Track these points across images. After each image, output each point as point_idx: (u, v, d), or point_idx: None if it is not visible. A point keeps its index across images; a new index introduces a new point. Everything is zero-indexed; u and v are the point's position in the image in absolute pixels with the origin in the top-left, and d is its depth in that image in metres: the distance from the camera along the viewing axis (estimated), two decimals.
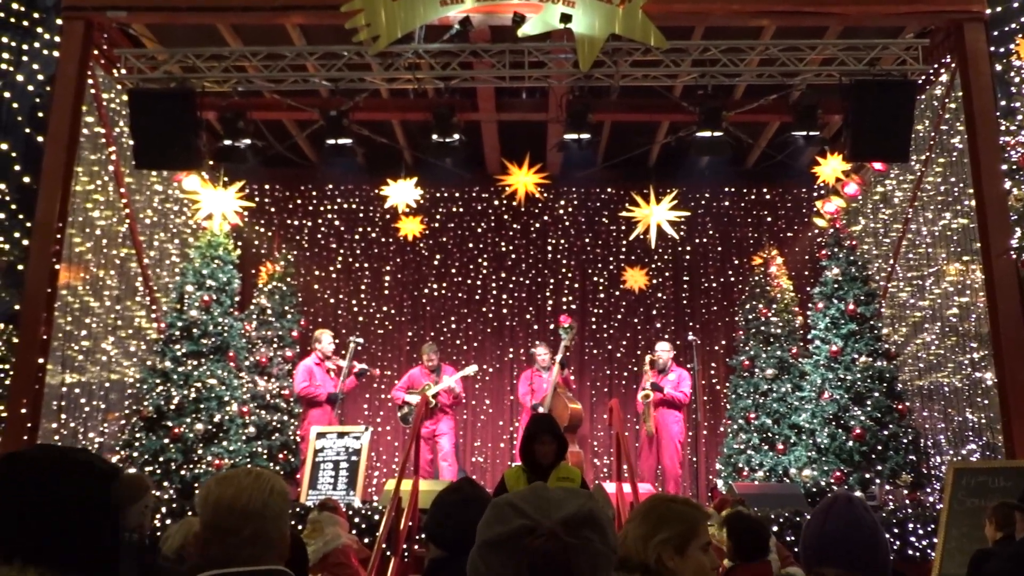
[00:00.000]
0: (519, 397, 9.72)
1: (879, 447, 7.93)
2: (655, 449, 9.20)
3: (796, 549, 6.22)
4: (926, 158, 8.60)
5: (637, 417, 9.67)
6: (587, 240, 11.47)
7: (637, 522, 2.05)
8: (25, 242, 7.49)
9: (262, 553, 1.84)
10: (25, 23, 7.99)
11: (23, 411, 7.01)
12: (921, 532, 6.89)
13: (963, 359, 7.94)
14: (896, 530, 6.92)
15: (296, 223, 11.41)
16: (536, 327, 11.19)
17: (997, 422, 7.23)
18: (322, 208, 11.45)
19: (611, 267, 11.36)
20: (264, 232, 11.29)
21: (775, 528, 6.68)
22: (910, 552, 6.86)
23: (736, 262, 11.33)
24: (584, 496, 1.21)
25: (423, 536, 7.03)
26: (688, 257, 11.42)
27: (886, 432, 7.98)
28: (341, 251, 11.40)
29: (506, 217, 11.47)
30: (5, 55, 8.42)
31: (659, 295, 11.32)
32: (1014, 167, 7.41)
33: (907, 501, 7.90)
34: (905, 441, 7.99)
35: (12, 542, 1.28)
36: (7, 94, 9.35)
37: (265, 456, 8.81)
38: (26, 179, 7.61)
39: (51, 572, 1.06)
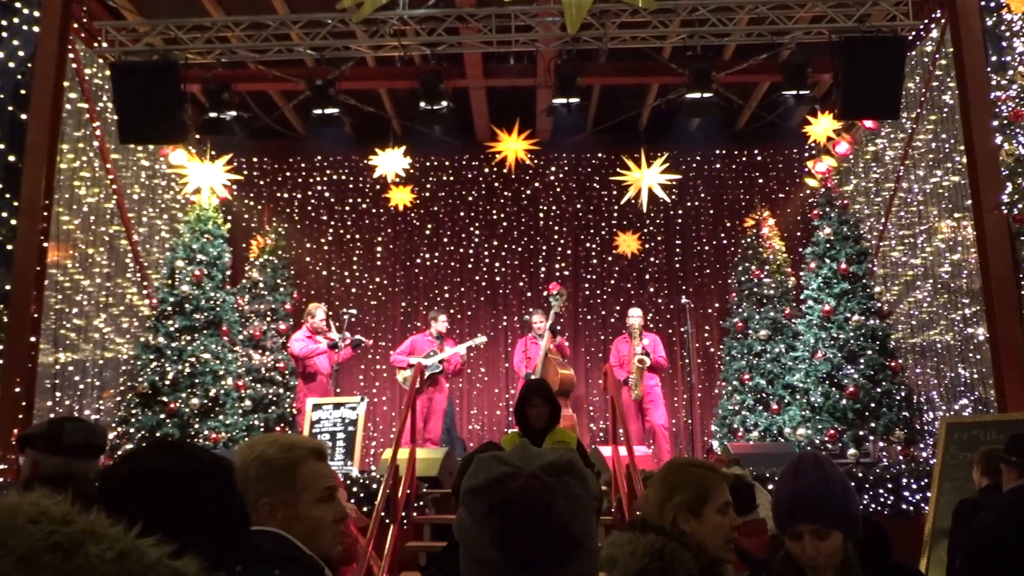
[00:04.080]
0: (514, 365, 9.73)
1: (872, 404, 7.99)
2: (640, 413, 9.26)
3: None
4: (917, 115, 8.56)
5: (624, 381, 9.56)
6: (579, 206, 11.44)
7: (656, 487, 2.08)
8: (13, 221, 7.42)
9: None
10: None
11: (17, 390, 6.99)
12: (915, 487, 6.96)
13: (955, 315, 7.97)
14: (890, 485, 6.99)
15: (286, 195, 11.36)
16: (529, 294, 11.20)
17: (989, 377, 7.27)
18: (311, 180, 11.39)
19: (603, 232, 11.35)
20: (254, 205, 11.23)
21: (770, 487, 6.74)
22: (904, 507, 6.94)
23: (728, 224, 11.33)
24: (566, 450, 1.25)
25: (422, 503, 7.10)
26: (680, 220, 11.41)
27: (879, 390, 8.04)
28: (332, 222, 11.36)
29: (497, 184, 11.42)
30: None
31: (651, 259, 11.33)
32: (1005, 122, 7.36)
33: (900, 457, 7.98)
34: (898, 398, 8.06)
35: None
36: None
37: (262, 429, 8.84)
38: (11, 158, 7.51)
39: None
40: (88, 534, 1.04)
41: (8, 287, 7.29)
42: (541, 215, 11.45)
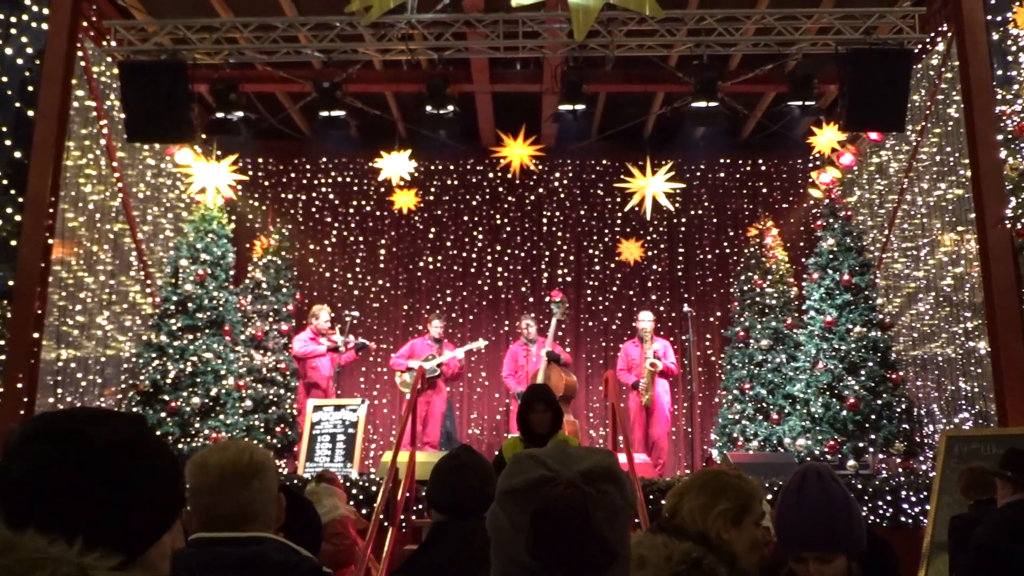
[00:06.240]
0: (504, 378, 9.59)
1: (873, 416, 7.99)
2: (645, 420, 9.21)
3: None
4: (922, 128, 8.57)
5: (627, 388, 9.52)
6: (582, 212, 11.46)
7: (694, 494, 2.03)
8: (18, 217, 7.45)
9: (266, 508, 1.90)
10: None
11: (19, 386, 7.01)
12: (914, 499, 6.96)
13: (957, 329, 7.97)
14: (889, 498, 6.99)
15: (290, 196, 11.37)
16: (532, 300, 11.20)
17: (990, 391, 7.27)
18: (316, 181, 11.41)
19: (606, 239, 11.36)
20: (258, 206, 11.25)
21: (769, 496, 6.74)
22: (903, 519, 6.93)
23: (731, 233, 11.34)
24: (604, 453, 1.24)
25: (421, 506, 7.10)
26: (683, 229, 11.41)
27: (880, 401, 8.03)
28: (336, 225, 11.38)
29: (501, 189, 11.43)
30: None
31: (654, 267, 11.34)
32: (1010, 136, 7.38)
33: (900, 469, 7.97)
34: (898, 410, 8.05)
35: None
36: None
37: (262, 429, 8.85)
38: (17, 154, 7.56)
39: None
40: (31, 563, 0.87)
41: (12, 283, 7.32)
42: (545, 221, 11.46)
